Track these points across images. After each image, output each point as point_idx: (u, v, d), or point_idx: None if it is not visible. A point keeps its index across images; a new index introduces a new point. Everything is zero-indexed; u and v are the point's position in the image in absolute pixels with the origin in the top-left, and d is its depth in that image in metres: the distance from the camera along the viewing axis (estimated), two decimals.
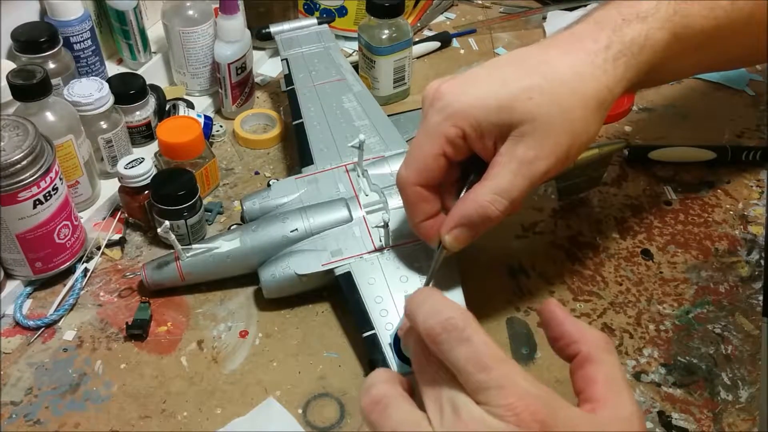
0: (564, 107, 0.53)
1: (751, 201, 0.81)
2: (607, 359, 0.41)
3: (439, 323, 0.39)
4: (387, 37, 0.89)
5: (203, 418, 0.62)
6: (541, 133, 0.53)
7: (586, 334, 0.42)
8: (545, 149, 0.53)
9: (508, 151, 0.54)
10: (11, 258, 0.68)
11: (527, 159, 0.53)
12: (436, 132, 0.55)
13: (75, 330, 0.68)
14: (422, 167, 0.57)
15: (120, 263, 0.74)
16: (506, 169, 0.53)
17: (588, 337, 0.42)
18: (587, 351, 0.41)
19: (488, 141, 0.55)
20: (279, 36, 0.90)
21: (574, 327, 0.42)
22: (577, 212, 0.80)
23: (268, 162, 0.86)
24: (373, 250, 0.67)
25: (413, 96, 0.97)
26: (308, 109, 0.81)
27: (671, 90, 0.98)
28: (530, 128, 0.53)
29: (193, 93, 0.93)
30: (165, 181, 0.72)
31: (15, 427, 0.61)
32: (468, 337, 0.38)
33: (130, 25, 0.88)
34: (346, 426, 0.61)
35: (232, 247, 0.69)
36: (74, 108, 0.74)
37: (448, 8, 1.13)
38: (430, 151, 0.56)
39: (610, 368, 0.41)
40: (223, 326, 0.69)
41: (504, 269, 0.74)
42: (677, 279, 0.73)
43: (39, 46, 0.76)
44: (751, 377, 0.65)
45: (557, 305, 0.43)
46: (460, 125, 0.54)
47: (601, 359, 0.41)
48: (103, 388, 0.64)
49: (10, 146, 0.63)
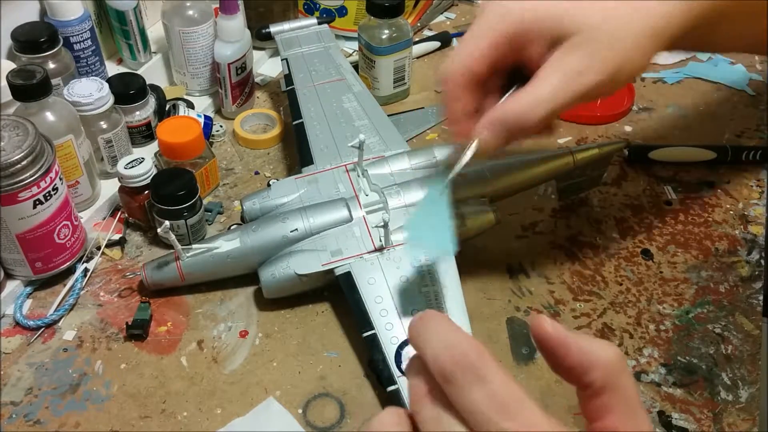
0: (618, 26, 0.52)
1: (751, 201, 0.81)
2: (622, 383, 0.36)
3: (451, 359, 0.34)
4: (387, 37, 0.89)
5: (203, 418, 0.62)
6: (591, 47, 0.52)
7: (597, 359, 0.36)
8: (593, 65, 0.52)
9: (554, 62, 0.52)
10: (11, 258, 0.68)
11: (574, 71, 0.52)
12: (487, 29, 0.54)
13: (75, 330, 0.68)
14: (468, 62, 0.55)
15: (120, 263, 0.74)
16: (550, 79, 0.52)
17: (599, 362, 0.36)
18: (602, 380, 0.36)
19: (536, 49, 0.54)
20: (279, 36, 0.90)
21: (582, 354, 0.36)
22: (577, 212, 0.80)
23: (268, 162, 0.86)
24: (373, 250, 0.67)
25: (413, 96, 0.97)
26: (308, 109, 0.81)
27: (671, 90, 0.98)
28: (580, 40, 0.52)
29: (193, 93, 0.93)
30: (165, 181, 0.72)
31: (15, 427, 0.61)
32: (485, 377, 0.33)
33: (130, 25, 0.88)
34: (346, 426, 0.61)
35: (232, 247, 0.69)
36: (74, 108, 0.74)
37: (448, 8, 1.13)
38: (478, 46, 0.55)
39: (626, 393, 0.36)
40: (223, 326, 0.69)
41: (504, 269, 0.74)
42: (677, 279, 0.73)
43: (39, 46, 0.76)
44: (751, 377, 0.65)
45: (552, 326, 0.36)
46: (511, 27, 0.53)
47: (617, 385, 0.36)
48: (103, 388, 0.64)
49: (10, 146, 0.63)
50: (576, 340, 0.36)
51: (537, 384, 0.64)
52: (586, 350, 0.36)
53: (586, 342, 0.36)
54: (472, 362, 0.34)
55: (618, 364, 0.36)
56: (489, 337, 0.67)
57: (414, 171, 0.73)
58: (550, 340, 0.36)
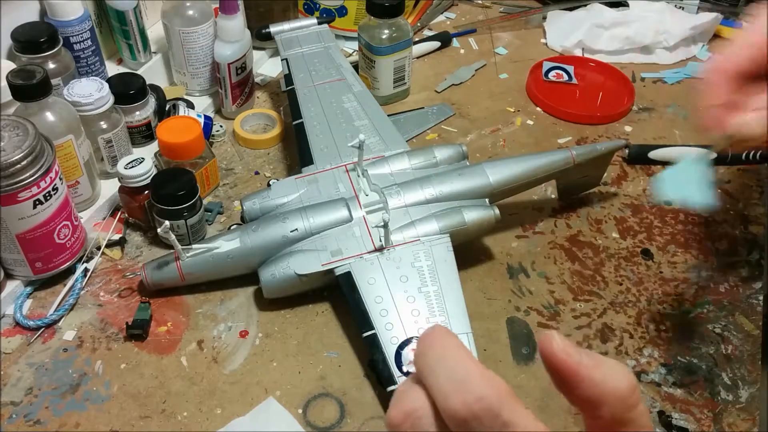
0: None
1: (751, 201, 0.81)
2: (633, 418, 0.33)
3: (466, 406, 0.29)
4: (387, 37, 0.89)
5: (203, 418, 0.62)
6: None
7: (608, 394, 0.32)
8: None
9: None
10: (11, 258, 0.68)
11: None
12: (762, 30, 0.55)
13: (75, 330, 0.68)
14: (746, 56, 0.56)
15: (120, 263, 0.74)
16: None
17: (611, 397, 0.32)
18: (612, 415, 0.33)
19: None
20: (279, 36, 0.90)
21: (592, 387, 0.32)
22: (577, 212, 0.80)
23: (268, 162, 0.86)
24: (373, 250, 0.67)
25: (413, 96, 0.97)
26: (308, 109, 0.81)
27: (671, 89, 0.98)
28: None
29: (193, 93, 0.93)
30: (165, 181, 0.72)
31: (15, 427, 0.61)
32: (508, 422, 0.29)
33: (130, 25, 0.88)
34: (346, 426, 0.61)
35: (232, 247, 0.69)
36: (74, 108, 0.74)
37: (448, 8, 1.13)
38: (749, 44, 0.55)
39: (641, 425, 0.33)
40: (223, 326, 0.69)
41: (504, 269, 0.74)
42: (677, 279, 0.73)
43: (39, 46, 0.76)
44: (751, 377, 0.65)
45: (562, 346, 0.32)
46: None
47: (628, 421, 0.33)
48: (103, 388, 0.64)
49: (10, 146, 0.63)
50: (587, 370, 0.32)
51: (537, 384, 0.64)
52: (598, 382, 0.32)
53: (598, 372, 0.32)
54: (491, 407, 0.29)
55: (630, 399, 0.33)
56: (489, 337, 0.67)
57: (414, 171, 0.73)
58: (560, 366, 0.32)
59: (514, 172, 0.72)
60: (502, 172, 0.72)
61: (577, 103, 0.95)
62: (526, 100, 0.96)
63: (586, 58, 1.03)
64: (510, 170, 0.72)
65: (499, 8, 1.14)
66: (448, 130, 0.91)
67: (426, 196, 0.70)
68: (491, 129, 0.91)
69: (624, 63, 1.02)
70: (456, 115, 0.93)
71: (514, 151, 0.88)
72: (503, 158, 0.74)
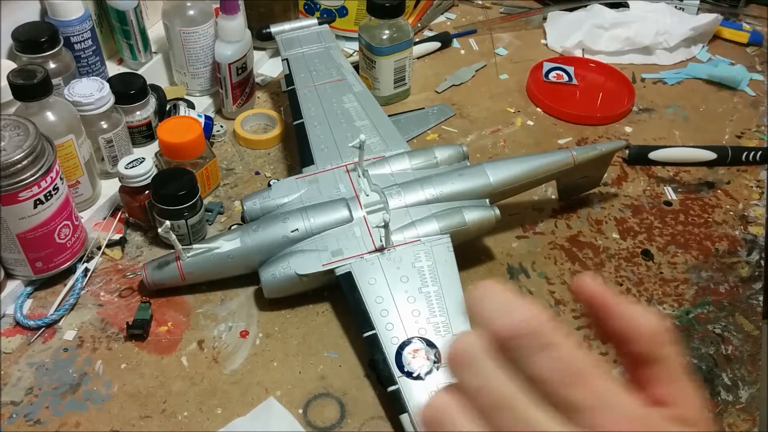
0: None
1: (751, 201, 0.81)
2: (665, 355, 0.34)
3: (511, 327, 0.31)
4: (387, 37, 0.89)
5: (204, 418, 0.62)
6: None
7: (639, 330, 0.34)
8: None
9: None
10: (12, 258, 0.68)
11: None
12: None
13: (75, 330, 0.68)
14: None
15: (120, 263, 0.74)
16: None
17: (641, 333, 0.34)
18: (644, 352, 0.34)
19: None
20: (279, 36, 0.90)
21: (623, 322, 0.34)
22: (577, 212, 0.80)
23: (268, 162, 0.86)
24: (373, 250, 0.67)
25: (414, 96, 0.97)
26: (309, 110, 0.81)
27: (671, 90, 0.98)
28: None
29: (194, 93, 0.93)
30: (165, 181, 0.72)
31: (15, 427, 0.61)
32: (550, 343, 0.30)
33: (130, 25, 0.88)
34: (347, 426, 0.61)
35: (233, 247, 0.69)
36: (75, 108, 0.74)
37: (448, 8, 1.13)
38: None
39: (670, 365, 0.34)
40: (223, 326, 0.69)
41: (504, 269, 0.74)
42: (677, 279, 0.73)
43: (39, 46, 0.76)
44: (751, 377, 0.65)
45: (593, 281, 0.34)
46: None
47: (660, 358, 0.34)
48: (104, 388, 0.64)
49: (10, 146, 0.63)
50: (618, 305, 0.34)
51: None
52: (628, 318, 0.34)
53: (629, 310, 0.34)
54: (533, 328, 0.31)
55: (661, 336, 0.34)
56: None
57: (414, 171, 0.73)
58: (593, 297, 0.34)
59: (514, 172, 0.72)
60: (502, 173, 0.72)
61: (577, 103, 0.95)
62: (526, 100, 0.96)
63: (587, 59, 1.03)
64: (510, 171, 0.72)
65: (499, 9, 1.14)
66: (448, 130, 0.91)
67: (426, 196, 0.70)
68: (491, 129, 0.91)
69: (624, 64, 1.02)
70: (456, 115, 0.93)
71: (515, 152, 0.88)
72: (504, 159, 0.74)
